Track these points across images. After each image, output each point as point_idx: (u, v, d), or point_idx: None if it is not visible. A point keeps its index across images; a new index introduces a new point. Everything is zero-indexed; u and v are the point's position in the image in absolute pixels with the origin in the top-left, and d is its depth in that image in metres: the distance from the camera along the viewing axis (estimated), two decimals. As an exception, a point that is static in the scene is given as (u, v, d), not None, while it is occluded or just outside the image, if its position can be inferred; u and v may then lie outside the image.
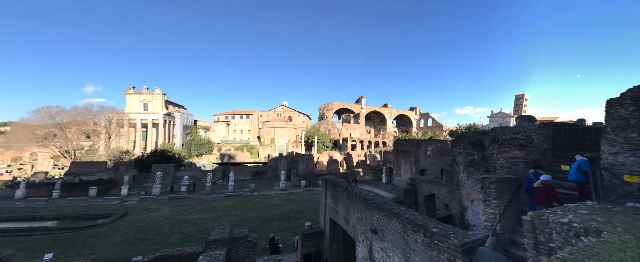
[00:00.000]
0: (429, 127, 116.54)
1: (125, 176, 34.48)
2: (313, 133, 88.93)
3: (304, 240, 13.53)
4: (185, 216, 22.97)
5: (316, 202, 28.41)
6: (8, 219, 21.68)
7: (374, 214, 9.36)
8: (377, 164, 54.14)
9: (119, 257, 14.23)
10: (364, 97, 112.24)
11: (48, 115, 61.69)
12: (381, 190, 35.73)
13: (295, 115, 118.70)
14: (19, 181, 32.04)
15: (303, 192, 34.93)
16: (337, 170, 44.48)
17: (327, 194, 14.60)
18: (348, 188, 12.24)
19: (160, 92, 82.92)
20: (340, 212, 12.66)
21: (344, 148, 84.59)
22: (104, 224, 20.10)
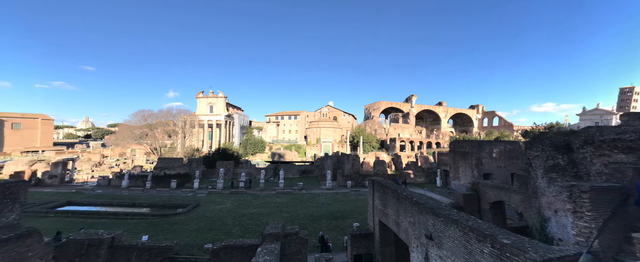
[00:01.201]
0: (494, 126, 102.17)
1: (196, 171, 40.11)
2: (358, 133, 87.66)
3: (353, 241, 13.50)
4: (244, 210, 25.41)
5: (363, 203, 27.96)
6: (118, 204, 27.62)
7: (429, 219, 8.77)
8: (430, 166, 50.12)
9: (194, 244, 16.54)
10: (415, 95, 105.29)
11: (142, 118, 76.47)
12: (436, 194, 33.01)
13: (341, 115, 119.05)
14: (124, 173, 40.47)
15: (349, 193, 34.78)
16: (385, 171, 42.85)
17: (375, 196, 14.28)
18: (397, 190, 11.75)
19: (223, 96, 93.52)
20: (390, 215, 12.23)
21: (392, 149, 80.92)
22: (182, 214, 23.68)
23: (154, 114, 79.28)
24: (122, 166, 60.46)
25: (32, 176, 38.39)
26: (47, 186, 37.08)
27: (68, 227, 18.10)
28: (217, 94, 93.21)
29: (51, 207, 24.80)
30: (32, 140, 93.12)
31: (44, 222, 19.92)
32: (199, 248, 15.54)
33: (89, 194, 32.10)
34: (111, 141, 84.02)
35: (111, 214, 23.56)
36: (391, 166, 57.12)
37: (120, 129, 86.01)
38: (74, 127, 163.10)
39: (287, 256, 12.10)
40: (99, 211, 25.09)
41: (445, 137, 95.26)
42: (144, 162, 65.58)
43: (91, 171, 54.03)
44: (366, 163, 56.20)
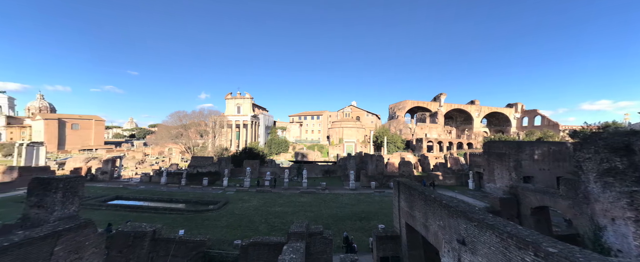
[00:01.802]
0: (536, 126, 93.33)
1: (225, 169, 42.27)
2: (382, 133, 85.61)
3: (379, 243, 13.24)
4: (269, 208, 26.21)
5: (388, 204, 27.25)
6: (158, 200, 30.11)
7: (461, 224, 8.32)
8: (462, 168, 47.26)
9: (224, 239, 17.43)
10: (444, 94, 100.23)
11: (177, 118, 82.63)
12: (468, 197, 31.11)
13: (364, 115, 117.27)
14: (162, 171, 44.04)
15: (373, 194, 34.13)
16: (411, 172, 41.29)
17: (401, 198, 13.88)
18: (425, 192, 11.35)
19: (249, 97, 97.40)
20: (418, 217, 11.80)
21: (418, 149, 77.75)
22: (213, 210, 25.13)
23: (188, 115, 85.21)
24: (161, 164, 65.75)
25: (87, 172, 43.40)
26: (99, 181, 41.69)
27: (117, 220, 20.11)
28: (244, 95, 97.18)
29: (103, 201, 27.80)
30: (87, 139, 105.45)
31: (97, 214, 22.33)
32: (229, 244, 16.34)
33: (133, 190, 35.43)
34: (151, 140, 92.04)
35: (152, 208, 25.74)
36: (417, 167, 54.90)
37: (159, 129, 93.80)
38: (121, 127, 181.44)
39: (312, 255, 12.23)
40: (142, 205, 27.54)
41: (478, 137, 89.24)
42: (179, 160, 70.73)
43: (135, 168, 59.59)
44: (391, 164, 54.67)
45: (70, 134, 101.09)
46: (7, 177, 34.95)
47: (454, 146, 79.05)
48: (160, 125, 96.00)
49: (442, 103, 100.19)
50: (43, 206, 11.94)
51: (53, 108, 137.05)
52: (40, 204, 11.94)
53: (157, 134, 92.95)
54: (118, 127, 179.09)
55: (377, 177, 40.14)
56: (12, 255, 6.85)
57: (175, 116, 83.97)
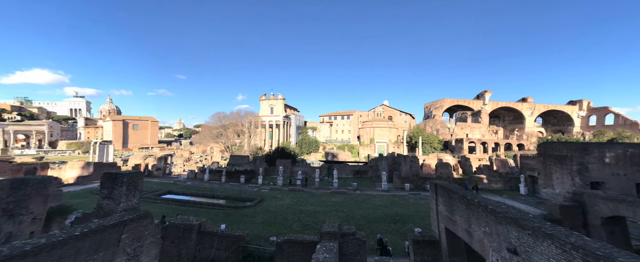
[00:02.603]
0: (607, 126, 79.84)
1: (260, 168, 44.36)
2: (417, 133, 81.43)
3: (415, 247, 12.63)
4: (302, 207, 26.78)
5: (425, 207, 25.92)
6: (202, 195, 32.89)
7: (511, 231, 7.55)
8: (510, 171, 42.61)
9: (261, 235, 18.32)
10: (489, 91, 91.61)
11: (218, 119, 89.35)
12: (519, 203, 28.03)
13: (397, 114, 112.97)
14: (205, 168, 48.02)
15: (408, 196, 32.63)
16: (450, 175, 38.52)
17: (439, 201, 13.11)
18: (467, 196, 10.54)
19: (281, 97, 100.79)
20: (459, 222, 11.00)
21: (458, 150, 72.21)
22: (250, 207, 26.55)
23: (227, 115, 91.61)
24: (204, 162, 71.69)
25: (145, 168, 49.31)
26: (154, 176, 47.05)
27: (169, 213, 22.44)
28: (277, 96, 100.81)
29: (157, 195, 31.31)
30: (145, 138, 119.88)
31: (153, 207, 25.15)
32: (265, 240, 17.11)
33: (181, 185, 39.24)
34: (196, 140, 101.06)
35: (197, 203, 28.17)
36: (457, 169, 51.03)
37: (202, 129, 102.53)
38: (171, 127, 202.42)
39: (346, 256, 12.17)
40: (189, 200, 30.29)
41: (531, 138, 79.69)
42: (219, 158, 76.28)
43: (183, 165, 66.00)
44: (427, 165, 51.75)
45: (131, 134, 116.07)
46: (85, 171, 41.50)
47: (500, 147, 71.66)
48: (203, 126, 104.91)
49: (486, 101, 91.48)
50: (112, 198, 13.87)
51: (119, 110, 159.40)
52: (110, 196, 13.88)
53: (200, 133, 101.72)
54: (169, 127, 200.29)
55: (411, 179, 38.31)
56: (91, 239, 8.12)
57: (215, 117, 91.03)
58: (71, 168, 41.93)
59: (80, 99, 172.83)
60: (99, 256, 8.11)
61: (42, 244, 6.67)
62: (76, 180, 38.78)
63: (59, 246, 6.92)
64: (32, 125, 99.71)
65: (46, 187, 16.82)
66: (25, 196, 15.38)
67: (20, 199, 15.18)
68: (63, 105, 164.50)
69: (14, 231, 14.73)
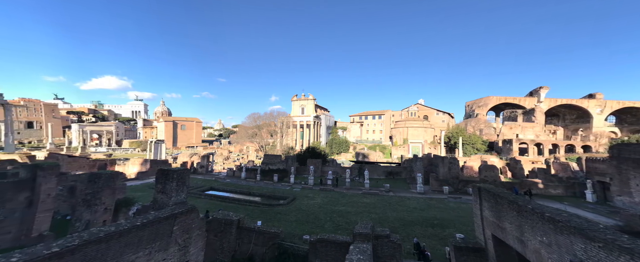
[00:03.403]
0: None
1: (292, 167, 45.62)
2: (457, 133, 75.80)
3: (457, 254, 11.77)
4: (333, 207, 26.83)
5: (466, 212, 24.00)
6: (240, 192, 34.99)
7: (577, 243, 6.64)
8: (573, 176, 37.10)
9: (294, 233, 18.73)
10: (545, 87, 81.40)
11: (253, 120, 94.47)
12: (585, 211, 24.42)
13: (433, 113, 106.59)
14: (242, 167, 51.06)
15: (447, 199, 30.52)
16: (496, 178, 34.99)
17: (484, 206, 12.07)
18: (517, 202, 9.56)
19: (312, 98, 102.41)
20: (509, 230, 9.98)
21: (506, 151, 65.31)
22: (283, 205, 27.45)
23: (261, 116, 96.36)
24: (241, 161, 76.28)
25: (191, 166, 54.31)
26: (198, 173, 51.53)
27: (211, 208, 24.31)
28: (308, 97, 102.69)
29: (201, 191, 34.19)
30: (191, 138, 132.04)
31: (197, 202, 27.52)
32: (299, 238, 17.52)
33: (222, 182, 42.28)
34: (233, 139, 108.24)
35: (236, 200, 30.06)
36: (505, 173, 46.17)
37: (239, 130, 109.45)
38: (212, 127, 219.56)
39: (380, 258, 11.87)
40: (229, 196, 32.48)
41: (600, 138, 68.68)
42: (254, 157, 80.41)
43: (222, 163, 71.11)
44: (468, 167, 47.83)
45: (180, 134, 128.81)
46: (143, 167, 47.26)
47: (560, 149, 62.86)
48: (240, 126, 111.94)
49: (542, 98, 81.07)
50: (165, 192, 15.50)
51: (170, 112, 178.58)
52: (163, 191, 15.54)
53: (237, 133, 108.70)
54: (210, 127, 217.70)
55: (451, 182, 35.76)
56: (149, 229, 9.20)
57: (250, 118, 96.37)
58: (133, 164, 48.12)
59: (140, 102, 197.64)
60: (156, 245, 9.15)
61: (112, 231, 7.78)
62: (136, 175, 44.36)
63: (125, 234, 7.99)
64: (103, 126, 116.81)
65: (114, 181, 19.54)
66: (98, 188, 18.07)
67: (95, 191, 17.88)
68: (126, 108, 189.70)
69: (91, 219, 17.43)
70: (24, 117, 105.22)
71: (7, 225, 18.09)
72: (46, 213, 19.32)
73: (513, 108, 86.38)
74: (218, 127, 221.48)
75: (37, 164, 20.29)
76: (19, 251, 6.28)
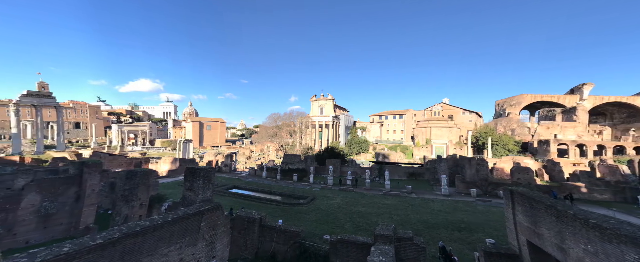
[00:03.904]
0: None
1: (311, 167, 45.92)
2: (486, 133, 71.55)
3: (488, 260, 11.09)
4: (353, 207, 26.55)
5: (497, 216, 22.60)
6: (261, 191, 35.90)
7: (628, 252, 6.11)
8: (624, 180, 33.30)
9: (314, 233, 18.73)
10: (590, 84, 74.25)
11: (273, 120, 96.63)
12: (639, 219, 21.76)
13: (459, 113, 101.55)
14: (263, 166, 52.43)
15: (475, 202, 28.87)
16: (530, 181, 32.43)
17: (517, 210, 11.36)
18: (556, 206, 8.85)
19: (331, 98, 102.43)
20: (547, 236, 9.28)
21: (542, 153, 60.39)
22: (303, 204, 27.66)
23: (281, 116, 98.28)
24: (262, 160, 78.35)
25: (215, 164, 56.88)
26: (222, 172, 53.79)
27: (235, 206, 25.19)
28: (327, 97, 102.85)
29: (225, 189, 35.62)
30: (215, 137, 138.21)
31: (222, 200, 28.59)
32: (319, 238, 17.58)
33: (244, 181, 43.75)
34: (255, 139, 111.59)
35: (257, 198, 30.89)
36: (542, 175, 42.65)
37: (260, 130, 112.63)
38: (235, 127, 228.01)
39: (404, 261, 11.53)
40: (251, 195, 33.47)
41: None
42: (275, 157, 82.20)
43: (244, 163, 73.61)
44: (498, 169, 44.90)
45: (205, 133, 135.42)
46: (173, 166, 50.39)
47: (607, 151, 56.72)
48: (261, 126, 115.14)
49: (585, 96, 73.75)
50: (193, 190, 16.34)
51: (196, 113, 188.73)
52: (191, 188, 16.39)
53: (258, 133, 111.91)
54: (233, 127, 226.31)
55: (479, 184, 33.79)
56: (179, 225, 9.79)
57: (271, 118, 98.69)
58: (164, 163, 51.52)
59: (170, 103, 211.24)
60: (186, 240, 9.69)
61: (147, 226, 8.38)
62: (167, 173, 47.42)
63: (158, 228, 8.57)
64: (139, 126, 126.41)
65: (148, 178, 21.01)
66: (135, 185, 19.55)
67: (132, 188, 19.39)
68: (158, 109, 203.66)
69: (129, 214, 18.92)
70: (72, 118, 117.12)
71: (59, 217, 20.27)
72: (91, 207, 21.35)
73: (550, 107, 79.60)
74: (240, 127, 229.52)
75: (83, 162, 22.48)
76: (69, 241, 6.99)
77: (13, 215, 18.11)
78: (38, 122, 68.10)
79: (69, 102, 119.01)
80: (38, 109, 67.69)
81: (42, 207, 19.38)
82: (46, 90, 69.17)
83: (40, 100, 67.35)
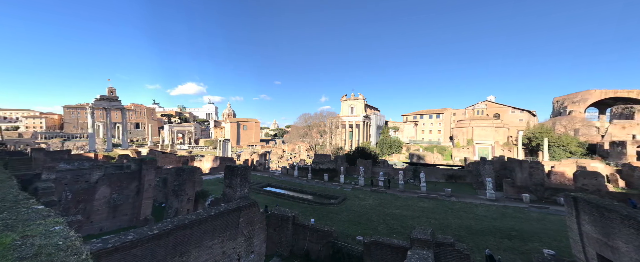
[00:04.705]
0: None
1: (341, 167, 45.65)
2: (541, 133, 63.90)
3: (545, 277, 9.81)
4: (386, 209, 25.73)
5: (555, 225, 20.06)
6: (293, 190, 36.81)
7: None
8: None
9: (347, 233, 18.60)
10: None
11: (304, 120, 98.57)
12: None
13: (507, 111, 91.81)
14: (294, 166, 53.77)
15: (528, 209, 25.79)
16: (600, 187, 27.75)
17: (582, 219, 10.07)
18: (637, 217, 7.51)
19: (362, 97, 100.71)
20: (624, 251, 8.19)
21: (616, 156, 51.52)
22: (334, 204, 27.65)
23: (311, 116, 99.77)
24: (293, 159, 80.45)
25: (251, 163, 60.08)
26: (257, 170, 56.57)
27: (269, 203, 26.21)
28: (357, 97, 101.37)
29: (260, 187, 37.36)
30: (251, 137, 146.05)
31: (257, 197, 30.11)
32: (352, 238, 17.39)
33: (277, 179, 45.41)
34: (287, 139, 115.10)
35: (290, 197, 31.76)
36: (616, 181, 36.36)
37: (291, 130, 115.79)
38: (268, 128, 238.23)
39: (443, 270, 10.80)
40: (283, 193, 34.52)
41: None
42: (306, 156, 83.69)
43: (277, 162, 76.38)
44: (557, 173, 39.47)
45: (242, 133, 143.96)
46: (214, 163, 54.56)
47: None
48: (292, 126, 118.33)
49: None
50: (231, 187, 17.46)
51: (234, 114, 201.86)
52: (230, 185, 17.51)
53: (290, 133, 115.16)
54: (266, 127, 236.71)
55: (532, 189, 30.11)
56: (221, 219, 10.54)
57: (302, 118, 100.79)
58: (207, 161, 56.08)
59: (212, 105, 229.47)
60: (227, 234, 10.40)
61: (194, 219, 9.19)
62: (209, 170, 51.53)
63: (203, 222, 9.34)
64: (186, 127, 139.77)
65: (194, 175, 23.04)
66: (183, 181, 21.61)
67: (181, 183, 21.46)
68: (202, 110, 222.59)
69: (178, 207, 20.99)
70: (133, 119, 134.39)
71: (125, 208, 23.39)
72: (148, 200, 24.22)
73: (626, 103, 67.41)
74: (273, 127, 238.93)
75: (142, 159, 25.60)
76: (132, 230, 8.02)
77: (90, 205, 21.44)
78: (108, 123, 79.68)
79: (131, 105, 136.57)
80: (108, 112, 79.15)
81: (111, 199, 22.60)
82: (114, 95, 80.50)
83: (109, 104, 78.66)
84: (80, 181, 25.02)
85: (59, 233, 4.63)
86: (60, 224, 5.08)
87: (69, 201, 20.32)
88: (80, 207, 20.84)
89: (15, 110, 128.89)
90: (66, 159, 37.82)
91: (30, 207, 5.95)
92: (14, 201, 6.42)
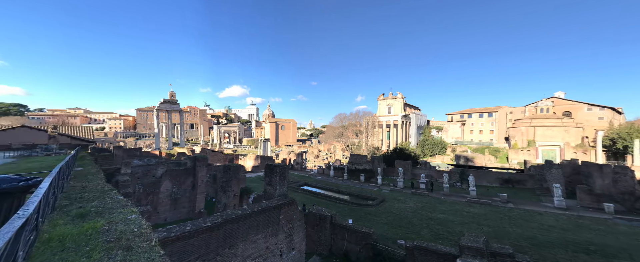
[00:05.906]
0: None
1: (379, 168, 44.16)
2: (630, 133, 52.92)
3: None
4: (429, 213, 24.07)
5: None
6: (329, 189, 36.96)
7: None
8: None
9: (387, 236, 17.92)
10: None
11: (339, 120, 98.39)
12: None
13: (581, 109, 77.96)
14: (330, 165, 53.99)
15: (612, 220, 21.49)
16: None
17: None
18: None
19: (401, 96, 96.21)
20: None
21: None
22: (372, 206, 26.93)
23: (347, 116, 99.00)
24: (329, 159, 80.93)
25: (289, 162, 62.30)
26: (295, 169, 58.39)
27: (307, 202, 26.75)
28: (396, 95, 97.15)
29: (298, 186, 38.44)
30: (288, 137, 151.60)
31: (295, 196, 30.90)
32: (392, 242, 16.70)
33: (314, 179, 46.17)
34: (322, 139, 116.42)
35: (326, 196, 31.90)
36: None
37: (327, 130, 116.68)
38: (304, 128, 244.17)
39: (500, 286, 9.63)
40: (320, 192, 34.87)
41: None
42: (341, 156, 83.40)
43: (313, 161, 77.74)
44: (653, 178, 31.86)
45: (280, 133, 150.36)
46: (256, 162, 58.08)
47: None
48: (328, 126, 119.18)
49: None
50: (272, 185, 18.29)
51: (273, 114, 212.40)
52: (270, 183, 18.36)
53: (325, 133, 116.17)
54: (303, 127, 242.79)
55: (618, 198, 24.98)
56: (263, 215, 11.12)
57: (337, 118, 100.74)
58: (249, 159, 60.06)
59: (253, 106, 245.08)
60: (269, 230, 10.93)
61: (240, 214, 9.87)
62: (251, 168, 55.02)
63: (248, 217, 9.96)
64: (231, 127, 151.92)
65: (239, 172, 24.82)
66: (229, 177, 23.45)
67: (228, 180, 23.32)
68: (245, 111, 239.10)
69: (226, 202, 22.86)
70: (188, 120, 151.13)
71: (183, 202, 26.42)
72: (201, 195, 26.96)
73: None
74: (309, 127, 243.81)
75: (196, 156, 28.59)
76: (190, 222, 8.98)
77: (157, 197, 24.77)
78: (169, 123, 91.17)
79: (187, 107, 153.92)
80: (169, 114, 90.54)
81: (172, 192, 25.77)
82: (174, 98, 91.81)
83: (170, 107, 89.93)
84: (149, 175, 29.08)
85: (135, 221, 5.42)
86: (135, 213, 5.94)
87: (141, 193, 23.79)
88: (149, 199, 24.23)
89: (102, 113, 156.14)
90: (138, 155, 44.28)
91: (113, 197, 7.11)
92: (102, 191, 7.75)
